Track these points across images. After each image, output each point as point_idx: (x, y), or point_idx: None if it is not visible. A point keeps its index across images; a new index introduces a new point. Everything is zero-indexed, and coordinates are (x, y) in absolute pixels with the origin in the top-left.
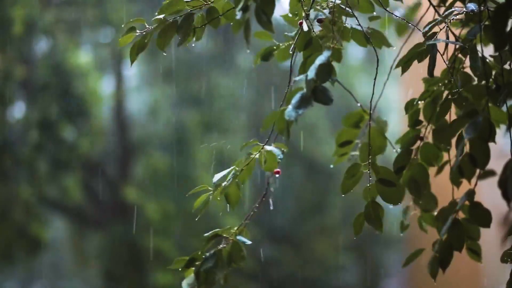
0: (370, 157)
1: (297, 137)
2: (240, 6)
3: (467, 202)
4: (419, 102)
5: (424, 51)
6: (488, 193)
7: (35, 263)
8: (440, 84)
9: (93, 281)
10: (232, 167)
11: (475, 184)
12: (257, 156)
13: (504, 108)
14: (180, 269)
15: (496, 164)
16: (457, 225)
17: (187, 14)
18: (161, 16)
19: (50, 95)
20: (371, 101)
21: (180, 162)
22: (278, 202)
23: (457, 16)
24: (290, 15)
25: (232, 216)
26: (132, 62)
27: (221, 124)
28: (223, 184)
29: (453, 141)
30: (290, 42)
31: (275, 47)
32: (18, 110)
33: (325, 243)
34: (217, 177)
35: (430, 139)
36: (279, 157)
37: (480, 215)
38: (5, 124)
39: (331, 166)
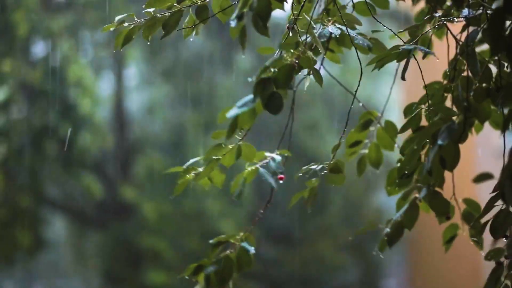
0: None
1: (298, 136)
2: (235, 15)
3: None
4: (420, 106)
5: (401, 54)
6: (487, 189)
7: (35, 263)
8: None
9: (92, 280)
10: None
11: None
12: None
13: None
14: (187, 277)
15: (495, 164)
16: (414, 208)
17: (175, 11)
18: (151, 10)
19: (50, 95)
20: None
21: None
22: (278, 202)
23: (457, 20)
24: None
25: (228, 218)
26: (115, 48)
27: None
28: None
29: None
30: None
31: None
32: (18, 111)
33: (325, 243)
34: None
35: None
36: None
37: (437, 204)
38: (5, 125)
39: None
